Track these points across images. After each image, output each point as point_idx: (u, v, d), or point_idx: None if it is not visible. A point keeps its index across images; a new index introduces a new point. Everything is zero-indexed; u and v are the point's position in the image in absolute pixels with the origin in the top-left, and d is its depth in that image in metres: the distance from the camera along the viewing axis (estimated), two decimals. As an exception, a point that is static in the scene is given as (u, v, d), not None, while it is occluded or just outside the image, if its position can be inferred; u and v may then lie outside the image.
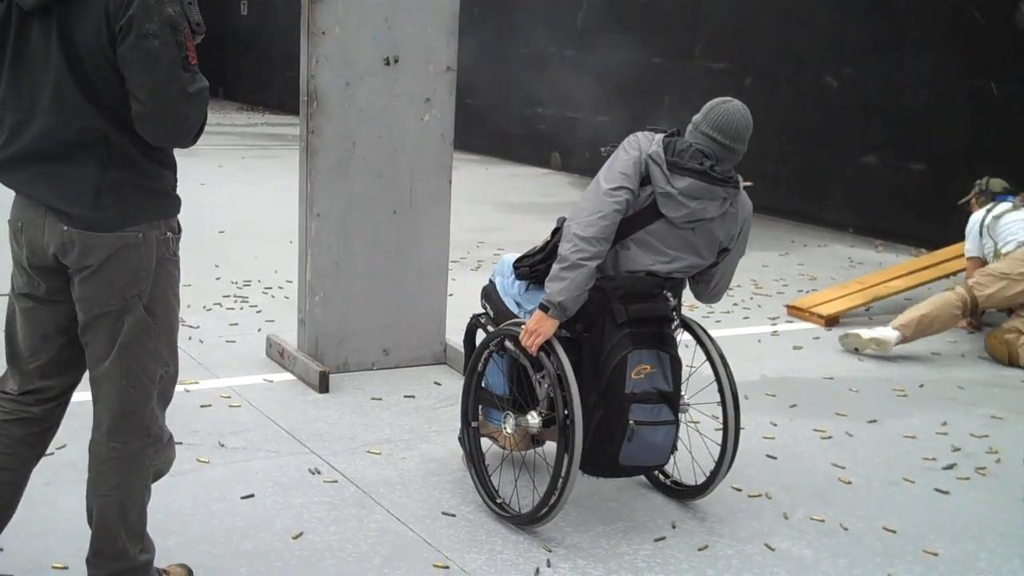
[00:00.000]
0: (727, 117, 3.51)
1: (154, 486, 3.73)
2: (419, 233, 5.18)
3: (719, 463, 3.68)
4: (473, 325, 3.94)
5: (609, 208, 3.39)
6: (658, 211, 3.44)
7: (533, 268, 3.66)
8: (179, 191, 2.93)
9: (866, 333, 5.91)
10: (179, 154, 2.94)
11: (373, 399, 4.78)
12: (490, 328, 3.79)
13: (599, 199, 3.41)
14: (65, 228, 2.63)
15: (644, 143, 3.49)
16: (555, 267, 3.41)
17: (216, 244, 8.04)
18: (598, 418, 3.39)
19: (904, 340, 5.91)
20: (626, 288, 3.44)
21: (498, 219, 9.72)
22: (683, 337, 3.68)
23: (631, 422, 3.36)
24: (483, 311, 3.90)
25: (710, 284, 3.70)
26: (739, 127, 3.51)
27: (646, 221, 3.46)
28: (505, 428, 3.64)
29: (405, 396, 4.84)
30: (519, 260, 3.76)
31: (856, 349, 5.93)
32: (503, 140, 14.50)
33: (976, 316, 6.18)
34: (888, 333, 5.90)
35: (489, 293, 3.88)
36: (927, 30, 9.04)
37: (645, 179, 3.45)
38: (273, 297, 6.50)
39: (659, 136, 3.52)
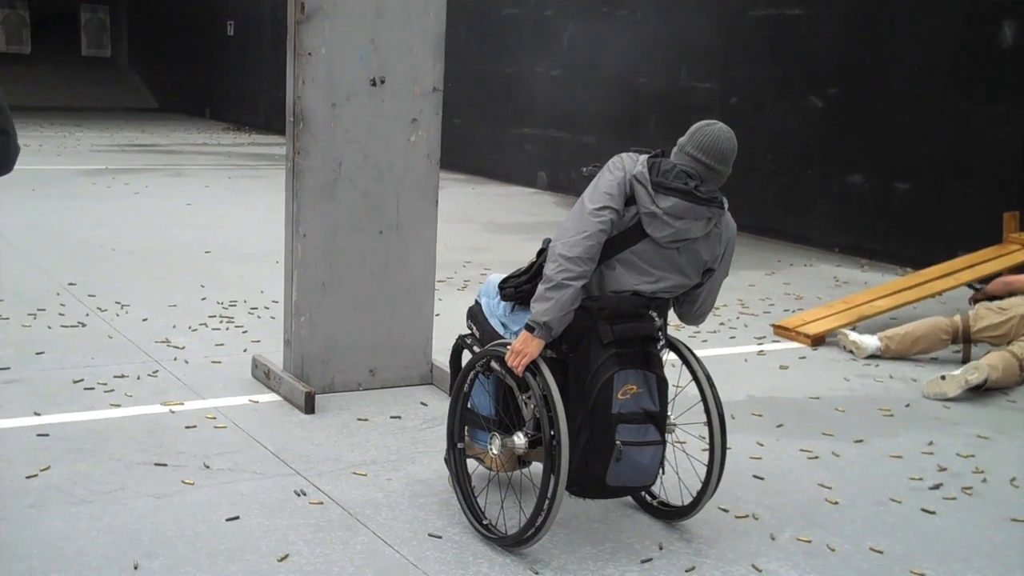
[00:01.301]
0: (712, 139, 3.52)
1: (140, 507, 3.73)
2: (405, 253, 5.18)
3: (705, 483, 3.68)
4: (459, 346, 3.94)
5: (594, 228, 3.40)
6: (643, 231, 3.45)
7: (518, 289, 3.66)
8: (165, 210, 2.88)
9: (852, 335, 6.35)
10: (165, 173, 2.93)
11: (359, 420, 4.77)
12: (476, 349, 3.78)
13: (584, 219, 3.42)
14: None
15: (629, 164, 3.50)
16: (540, 287, 3.42)
17: (202, 264, 8.02)
18: (585, 439, 3.38)
19: (885, 351, 6.21)
20: (611, 308, 3.44)
21: (485, 239, 9.73)
22: (669, 357, 3.68)
23: (618, 443, 3.36)
24: (469, 332, 3.90)
25: (695, 305, 3.71)
26: (724, 149, 3.53)
27: (631, 241, 3.46)
28: (491, 449, 3.63)
29: (391, 417, 4.83)
30: (504, 281, 3.76)
31: (843, 347, 6.37)
32: (490, 160, 14.53)
33: (968, 346, 6.18)
34: (869, 340, 6.26)
35: (475, 314, 3.88)
36: (911, 49, 9.09)
37: (630, 199, 3.45)
38: (259, 318, 6.48)
39: (643, 157, 3.53)
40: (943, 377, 5.53)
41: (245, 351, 5.69)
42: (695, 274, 3.58)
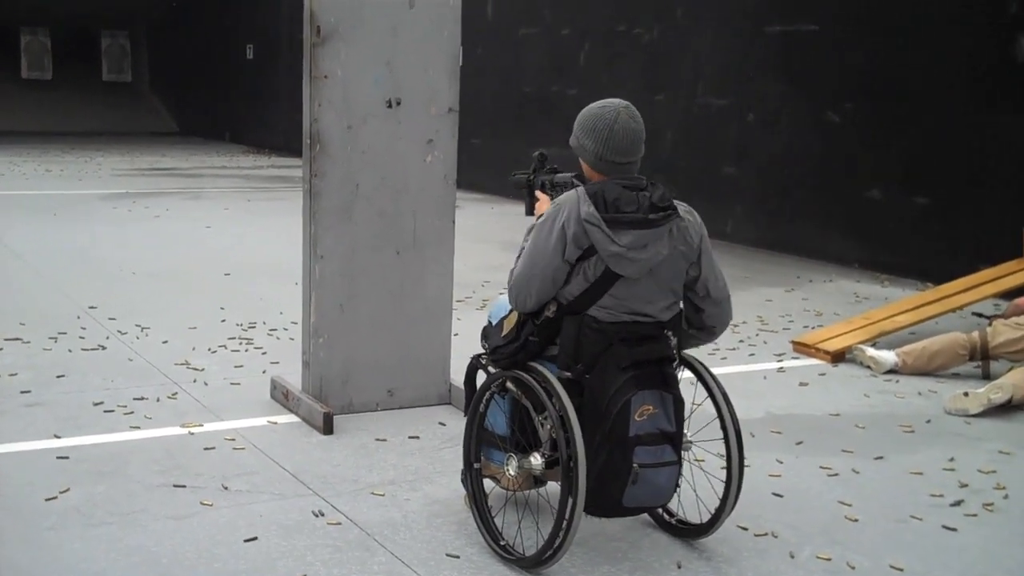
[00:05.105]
0: (627, 135, 3.46)
1: (159, 529, 3.74)
2: (423, 273, 5.19)
3: (723, 501, 3.66)
4: (473, 366, 3.92)
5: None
6: (612, 275, 3.40)
7: (513, 359, 3.57)
8: (185, 233, 2.91)
9: (869, 351, 6.32)
10: (185, 197, 2.94)
11: (377, 440, 4.77)
12: (491, 369, 3.78)
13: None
14: None
15: (576, 211, 3.39)
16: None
17: (222, 286, 8.06)
18: (602, 461, 3.37)
19: (902, 367, 6.18)
20: (628, 331, 3.43)
21: (503, 258, 9.69)
22: (685, 375, 3.67)
23: (635, 465, 3.35)
24: (484, 352, 3.89)
25: (705, 291, 3.62)
26: (640, 135, 3.49)
27: (604, 287, 3.41)
28: (508, 470, 3.62)
29: (409, 437, 4.83)
30: (494, 350, 3.65)
31: (861, 363, 6.33)
32: (508, 179, 14.55)
33: (987, 362, 6.13)
34: (887, 356, 6.24)
35: (489, 335, 3.87)
36: (930, 64, 9.07)
37: (590, 249, 3.39)
38: (278, 339, 6.51)
39: (582, 192, 3.43)
40: (966, 394, 5.49)
41: (264, 372, 5.71)
42: (680, 279, 3.55)
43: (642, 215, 3.39)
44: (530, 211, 4.02)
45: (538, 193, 3.94)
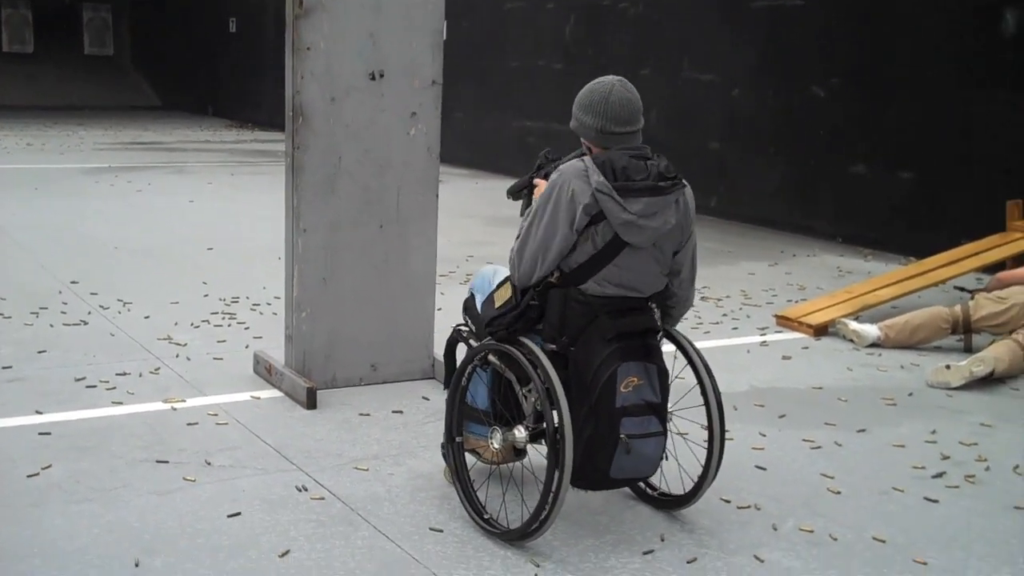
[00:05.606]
0: (624, 105, 3.48)
1: (141, 505, 3.73)
2: (406, 247, 5.17)
3: (705, 470, 3.67)
4: (454, 339, 3.91)
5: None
6: (620, 242, 3.40)
7: (510, 329, 3.55)
8: (168, 207, 2.88)
9: (852, 324, 6.36)
10: (168, 171, 2.92)
11: (361, 415, 4.77)
12: (472, 342, 3.77)
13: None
14: None
15: (579, 180, 3.39)
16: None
17: (204, 261, 8.03)
18: (588, 433, 3.37)
19: (885, 340, 6.21)
20: (613, 304, 3.43)
21: (487, 233, 9.71)
22: (668, 348, 3.67)
23: (622, 436, 3.35)
24: (464, 324, 3.89)
25: (679, 275, 3.63)
26: (636, 105, 3.51)
27: (611, 255, 3.41)
28: (492, 443, 3.62)
29: (393, 411, 4.83)
30: (491, 321, 3.62)
31: (844, 337, 6.35)
32: (492, 154, 14.51)
33: (969, 335, 6.15)
34: (869, 329, 6.27)
35: (470, 307, 3.86)
36: (915, 39, 9.06)
37: (598, 215, 3.38)
38: (261, 314, 6.48)
39: (589, 162, 3.43)
40: (948, 366, 5.51)
41: (247, 347, 5.69)
42: (673, 252, 3.56)
43: (652, 183, 3.40)
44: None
45: (537, 180, 3.90)
